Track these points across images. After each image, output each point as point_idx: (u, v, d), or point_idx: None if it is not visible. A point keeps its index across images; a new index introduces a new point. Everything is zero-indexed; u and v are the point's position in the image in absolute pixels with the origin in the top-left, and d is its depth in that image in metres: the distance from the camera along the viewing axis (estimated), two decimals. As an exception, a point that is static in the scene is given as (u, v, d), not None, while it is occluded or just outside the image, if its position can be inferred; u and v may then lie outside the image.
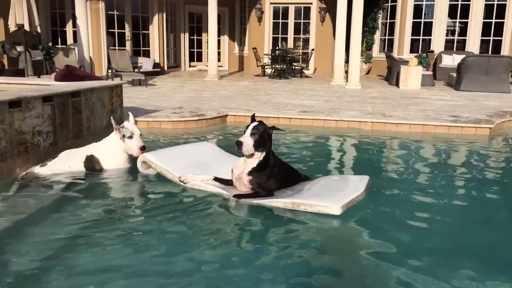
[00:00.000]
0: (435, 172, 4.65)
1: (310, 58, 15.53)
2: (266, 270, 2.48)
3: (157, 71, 14.42)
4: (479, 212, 3.51)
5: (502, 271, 2.54)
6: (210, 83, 12.45)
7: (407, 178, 4.44)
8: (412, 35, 15.12)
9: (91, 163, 4.12)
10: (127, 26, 14.72)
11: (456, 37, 15.43)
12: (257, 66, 15.19)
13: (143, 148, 4.04)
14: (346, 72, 12.51)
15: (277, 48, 15.96)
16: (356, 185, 3.53)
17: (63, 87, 4.91)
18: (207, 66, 14.43)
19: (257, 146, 3.37)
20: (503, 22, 14.39)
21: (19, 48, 10.14)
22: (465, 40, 14.86)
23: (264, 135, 3.39)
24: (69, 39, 14.39)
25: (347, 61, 12.45)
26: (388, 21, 15.70)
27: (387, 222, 3.18)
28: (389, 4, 15.46)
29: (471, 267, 2.56)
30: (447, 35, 15.15)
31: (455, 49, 15.00)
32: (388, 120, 6.83)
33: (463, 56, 12.14)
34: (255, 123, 3.44)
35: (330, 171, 4.63)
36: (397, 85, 12.19)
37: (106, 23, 13.71)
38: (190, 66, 17.52)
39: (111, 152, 4.15)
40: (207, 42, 14.44)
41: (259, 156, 3.44)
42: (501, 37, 14.53)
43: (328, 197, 3.30)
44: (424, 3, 15.05)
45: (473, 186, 4.22)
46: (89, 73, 10.33)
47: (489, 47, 14.81)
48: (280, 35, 16.65)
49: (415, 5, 14.91)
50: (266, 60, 15.42)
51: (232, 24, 17.78)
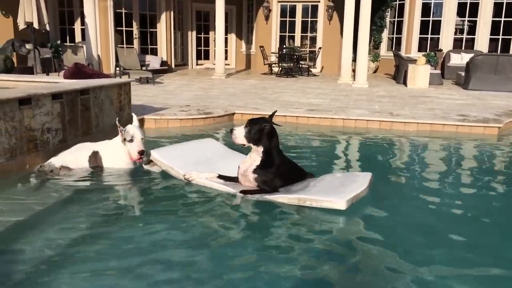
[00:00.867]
0: (443, 171, 4.64)
1: (317, 57, 15.51)
2: (270, 266, 2.49)
3: (165, 69, 14.46)
4: (485, 212, 3.49)
5: (508, 270, 2.53)
6: (217, 81, 12.47)
7: (414, 177, 4.42)
8: (420, 34, 15.05)
9: (94, 159, 4.13)
10: (135, 24, 14.78)
11: (464, 35, 15.34)
12: (264, 64, 15.19)
13: (141, 153, 3.99)
14: (354, 70, 12.48)
15: (284, 46, 15.95)
16: (359, 181, 3.54)
17: (72, 85, 4.95)
18: (214, 64, 14.45)
19: (250, 139, 3.47)
20: (513, 21, 14.29)
21: (28, 46, 10.20)
22: (473, 38, 14.76)
23: (258, 130, 3.45)
24: (78, 37, 14.48)
25: (354, 60, 12.43)
26: (396, 19, 15.63)
27: (392, 220, 3.18)
28: (397, 2, 15.39)
29: (477, 265, 2.56)
30: (455, 33, 15.05)
31: (463, 48, 14.91)
32: (395, 119, 6.80)
33: (471, 55, 12.08)
34: (255, 118, 3.58)
35: (337, 169, 4.62)
36: (404, 83, 12.14)
37: (114, 21, 13.77)
38: (197, 64, 17.55)
39: (114, 152, 4.12)
40: (214, 40, 14.47)
41: (258, 151, 3.50)
42: (510, 35, 14.42)
43: (333, 192, 3.33)
44: (433, 1, 14.97)
45: (480, 185, 4.20)
46: (98, 71, 10.38)
47: (498, 46, 14.69)
48: (287, 34, 16.63)
49: (423, 3, 14.83)
50: (273, 59, 15.42)
51: (239, 23, 17.78)
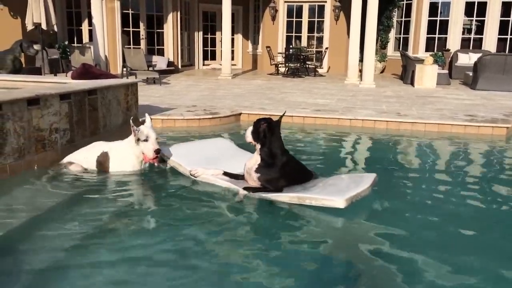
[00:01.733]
0: (450, 172, 4.61)
1: (324, 57, 15.47)
2: (272, 264, 2.51)
3: (171, 69, 14.49)
4: (492, 212, 3.47)
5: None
6: (224, 82, 12.48)
7: (421, 178, 4.40)
8: (427, 34, 14.95)
9: (101, 160, 4.11)
10: (141, 25, 14.83)
11: (472, 35, 15.23)
12: (271, 64, 15.18)
13: (157, 152, 3.96)
14: (360, 71, 12.43)
15: (290, 46, 15.93)
16: (361, 181, 3.54)
17: (80, 85, 4.98)
18: (220, 64, 14.46)
19: (254, 137, 3.59)
20: (521, 20, 14.17)
21: (36, 47, 10.26)
22: (481, 38, 14.65)
23: (259, 129, 3.55)
24: (85, 38, 14.54)
25: (361, 60, 12.38)
26: (403, 19, 15.55)
27: (397, 221, 3.18)
28: (405, 2, 15.31)
29: (479, 267, 2.55)
30: (463, 33, 14.94)
31: (471, 48, 14.79)
32: (403, 119, 6.77)
33: (479, 55, 11.99)
34: (262, 118, 3.67)
35: (343, 169, 4.61)
36: (412, 84, 12.08)
37: (121, 22, 13.81)
38: (203, 65, 17.57)
39: (123, 153, 4.08)
40: (221, 41, 14.48)
41: (257, 149, 3.60)
42: (519, 35, 14.31)
43: (333, 191, 3.34)
44: (440, 1, 14.88)
45: (488, 186, 4.16)
46: (105, 71, 10.43)
47: (506, 45, 14.57)
48: (294, 34, 16.60)
49: (431, 3, 14.74)
50: (280, 59, 15.40)
51: (246, 23, 17.78)
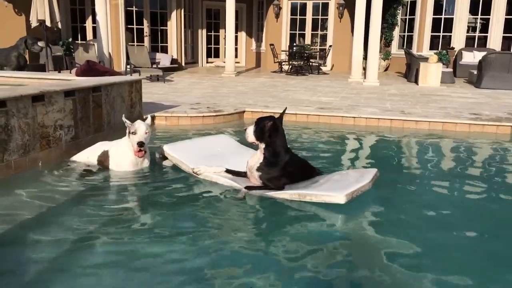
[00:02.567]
0: (454, 171, 4.60)
1: (327, 55, 15.44)
2: (273, 262, 2.51)
3: (175, 67, 14.50)
4: (495, 211, 3.46)
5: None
6: (227, 79, 12.48)
7: (424, 176, 4.39)
8: (432, 32, 14.89)
9: (101, 159, 4.11)
10: (145, 22, 14.83)
11: (477, 33, 15.15)
12: (274, 62, 15.16)
13: (140, 144, 3.86)
14: (364, 69, 12.40)
15: (294, 44, 15.90)
16: (362, 177, 3.53)
17: (84, 82, 4.98)
18: (224, 62, 14.46)
19: (257, 137, 3.54)
20: (526, 19, 14.09)
21: (41, 44, 10.29)
22: (486, 36, 14.58)
23: (262, 128, 3.51)
24: (89, 35, 14.57)
25: (365, 58, 12.35)
26: (408, 17, 15.49)
27: (399, 219, 3.19)
28: (409, 0, 15.26)
29: (480, 265, 2.55)
30: (468, 31, 14.87)
31: (476, 46, 14.73)
32: (407, 117, 6.75)
33: (484, 53, 11.93)
34: (264, 116, 3.63)
35: (347, 167, 4.60)
36: (416, 82, 12.04)
37: (125, 19, 13.82)
38: (207, 62, 17.57)
39: (120, 151, 4.05)
40: (225, 38, 14.47)
41: (261, 148, 3.56)
42: (524, 33, 14.24)
43: (334, 187, 3.35)
44: (445, -1, 14.82)
45: (492, 185, 4.15)
46: (110, 68, 10.44)
47: (511, 44, 14.50)
48: (297, 31, 16.58)
49: (435, 1, 14.67)
50: (284, 57, 15.38)
51: (250, 21, 17.76)
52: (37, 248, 2.63)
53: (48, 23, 9.92)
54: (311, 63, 14.91)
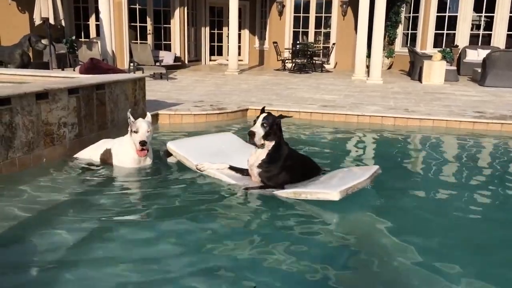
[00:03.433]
0: (457, 169, 4.59)
1: (331, 53, 15.40)
2: (272, 259, 2.52)
3: (178, 65, 14.49)
4: (499, 210, 3.45)
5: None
6: (230, 77, 12.47)
7: (427, 174, 4.38)
8: (436, 30, 14.83)
9: (104, 157, 4.12)
10: (148, 20, 14.83)
11: (481, 31, 15.08)
12: (278, 60, 15.14)
13: (142, 144, 3.85)
14: (368, 66, 12.37)
15: (297, 42, 15.87)
16: (359, 173, 3.52)
17: (88, 80, 4.99)
18: (227, 60, 14.44)
19: (267, 136, 3.47)
20: (531, 16, 14.00)
21: (44, 41, 10.30)
22: (490, 34, 14.51)
23: (273, 126, 3.47)
24: (92, 33, 14.58)
25: (368, 56, 12.31)
26: (412, 15, 15.44)
27: (400, 217, 3.19)
28: (413, -3, 15.20)
29: (480, 263, 2.55)
30: (472, 29, 14.80)
31: (480, 44, 14.66)
32: (411, 115, 6.74)
33: (488, 51, 11.88)
34: (264, 114, 3.51)
35: (350, 165, 4.58)
36: (419, 80, 12.01)
37: (128, 17, 13.81)
38: (210, 60, 17.56)
39: (123, 149, 4.04)
40: (228, 36, 14.45)
41: (268, 146, 3.51)
42: (529, 31, 14.16)
43: (329, 184, 3.34)
44: (449, -4, 14.75)
45: (496, 183, 4.14)
46: (113, 66, 10.45)
47: (516, 42, 14.45)
48: (301, 29, 16.54)
49: (439, -2, 14.62)
50: (287, 54, 15.35)
51: (253, 18, 17.73)
52: (40, 245, 2.64)
53: (51, 21, 9.94)
54: (314, 61, 14.88)
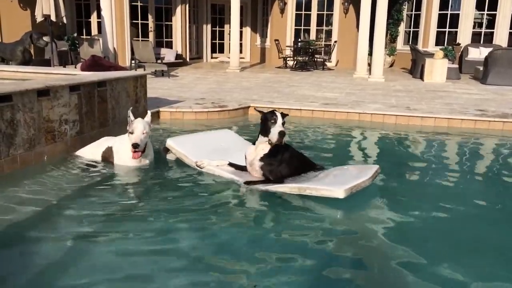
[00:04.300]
0: (459, 167, 4.58)
1: (332, 50, 15.38)
2: (271, 257, 2.52)
3: (180, 62, 14.49)
4: (500, 211, 3.44)
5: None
6: (232, 75, 12.46)
7: (428, 173, 4.37)
8: (438, 27, 14.79)
9: (105, 155, 4.12)
10: (150, 17, 14.83)
11: (483, 29, 15.04)
12: (279, 58, 15.12)
13: (134, 146, 3.81)
14: (369, 64, 12.35)
15: (299, 40, 15.85)
16: (362, 172, 3.53)
17: (89, 77, 4.99)
18: (229, 57, 14.43)
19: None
20: (533, 14, 13.95)
21: (46, 38, 10.30)
22: (492, 32, 14.47)
23: (283, 123, 3.50)
24: (94, 30, 14.58)
25: (370, 54, 12.29)
26: (413, 12, 15.40)
27: (401, 216, 3.17)
28: (415, -5, 15.16)
29: (480, 263, 2.55)
30: (474, 27, 14.75)
31: (482, 42, 14.62)
32: (412, 113, 6.73)
33: (490, 49, 11.85)
34: (279, 113, 3.50)
35: (351, 163, 4.58)
36: (421, 78, 11.99)
37: (130, 14, 13.80)
38: (212, 58, 17.55)
39: (123, 147, 4.03)
40: (229, 34, 14.44)
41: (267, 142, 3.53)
42: (531, 29, 14.10)
43: (333, 182, 3.35)
44: (451, -6, 14.70)
45: (498, 181, 4.13)
46: (115, 63, 10.45)
47: (518, 40, 14.40)
48: (302, 27, 16.51)
49: (441, -4, 14.58)
50: (288, 52, 15.33)
51: (255, 16, 17.70)
52: (41, 242, 2.64)
53: (53, 18, 9.93)
54: (316, 59, 14.86)
